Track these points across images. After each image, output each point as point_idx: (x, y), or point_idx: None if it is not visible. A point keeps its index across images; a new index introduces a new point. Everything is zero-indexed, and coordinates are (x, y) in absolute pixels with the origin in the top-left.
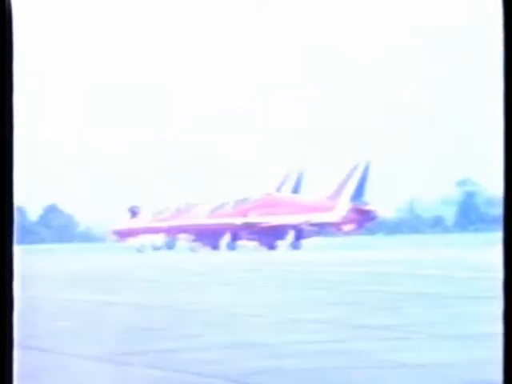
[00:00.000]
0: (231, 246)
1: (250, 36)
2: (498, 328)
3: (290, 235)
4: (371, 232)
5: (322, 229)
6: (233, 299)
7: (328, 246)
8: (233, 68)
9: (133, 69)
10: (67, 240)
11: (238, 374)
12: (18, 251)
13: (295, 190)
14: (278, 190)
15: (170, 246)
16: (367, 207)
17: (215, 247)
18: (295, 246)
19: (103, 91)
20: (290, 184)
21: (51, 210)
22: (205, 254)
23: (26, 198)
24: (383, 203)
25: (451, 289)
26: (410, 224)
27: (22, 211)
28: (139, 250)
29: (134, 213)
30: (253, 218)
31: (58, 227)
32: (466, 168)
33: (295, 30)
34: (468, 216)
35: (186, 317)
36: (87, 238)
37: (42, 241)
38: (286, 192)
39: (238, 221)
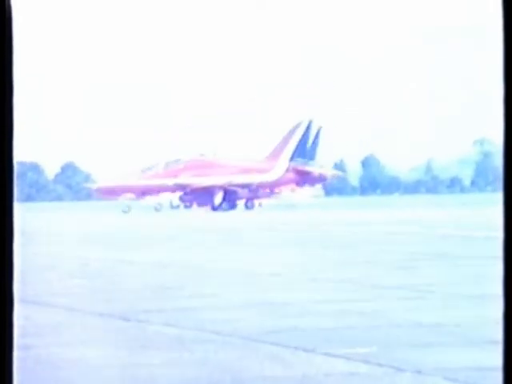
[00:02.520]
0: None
1: (250, 36)
2: None
3: (218, 196)
4: (388, 192)
5: (255, 190)
6: (249, 258)
7: (344, 205)
8: (232, 68)
9: (134, 69)
10: (84, 198)
11: (255, 332)
12: (35, 208)
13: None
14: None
15: (187, 205)
16: (306, 168)
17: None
18: (227, 206)
19: (103, 89)
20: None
21: (68, 168)
22: (221, 214)
23: (44, 156)
24: (400, 163)
25: (468, 249)
26: (427, 184)
27: (39, 169)
28: (157, 209)
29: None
30: (184, 179)
31: (75, 185)
32: (484, 128)
33: (295, 30)
34: (485, 176)
35: (203, 275)
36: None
37: (59, 198)
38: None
39: (169, 182)
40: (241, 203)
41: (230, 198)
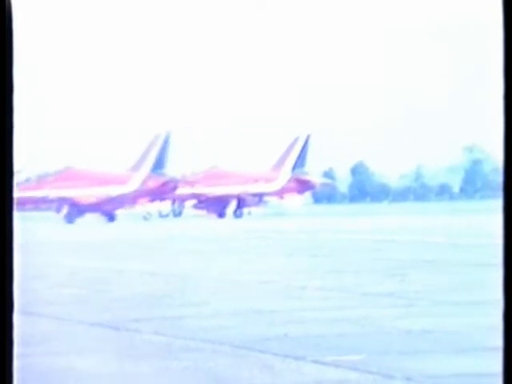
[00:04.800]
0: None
1: (250, 37)
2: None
3: (232, 204)
4: (377, 199)
5: (262, 198)
6: (238, 266)
7: (334, 213)
8: (232, 68)
9: (138, 65)
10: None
11: (245, 340)
12: (28, 218)
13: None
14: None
15: (176, 213)
16: (306, 177)
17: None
18: (237, 214)
19: (106, 87)
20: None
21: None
22: (210, 221)
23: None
24: (389, 170)
25: (457, 256)
26: (416, 191)
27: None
28: (145, 218)
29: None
30: (200, 189)
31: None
32: (473, 135)
33: (294, 28)
34: (474, 183)
35: (192, 284)
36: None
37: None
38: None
39: (187, 191)
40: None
41: (243, 205)
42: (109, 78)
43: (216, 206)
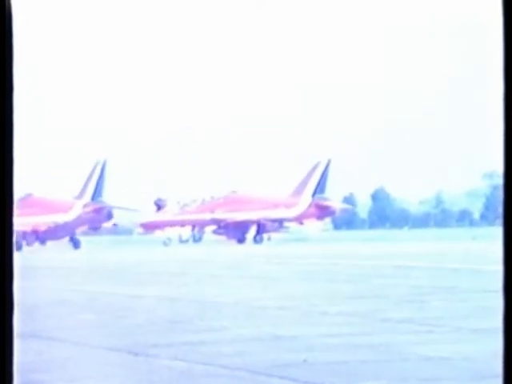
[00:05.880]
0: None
1: (250, 38)
2: None
3: (252, 230)
4: (397, 225)
5: (282, 223)
6: (258, 292)
7: (354, 239)
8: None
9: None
10: (93, 233)
11: (264, 366)
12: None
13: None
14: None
15: (196, 238)
16: (326, 202)
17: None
18: (257, 240)
19: (106, 87)
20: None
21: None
22: (230, 246)
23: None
24: (409, 196)
25: (477, 282)
26: (437, 217)
27: None
28: (165, 243)
29: (159, 206)
30: (220, 214)
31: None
32: (493, 161)
33: (294, 28)
34: (495, 209)
35: (212, 309)
36: (114, 230)
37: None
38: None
39: (207, 216)
40: (250, 236)
41: (262, 231)
42: (108, 78)
43: (236, 231)
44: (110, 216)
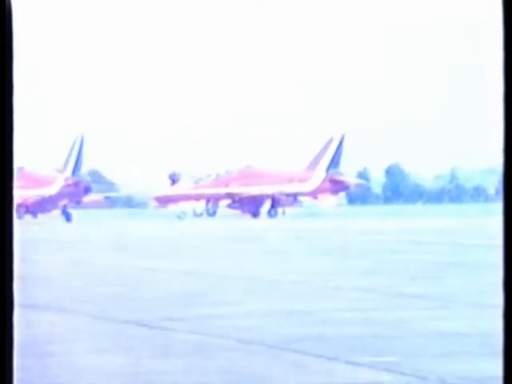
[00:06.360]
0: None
1: (250, 38)
2: None
3: (267, 204)
4: (411, 201)
5: (297, 198)
6: (272, 266)
7: (368, 214)
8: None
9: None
10: (109, 206)
11: (279, 340)
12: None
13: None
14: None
15: (210, 213)
16: (340, 177)
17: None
18: (271, 214)
19: (106, 87)
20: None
21: (92, 176)
22: (244, 220)
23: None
24: (423, 171)
25: (491, 258)
26: (451, 193)
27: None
28: (180, 217)
29: (173, 180)
30: (234, 189)
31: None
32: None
33: (294, 28)
34: None
35: (227, 283)
36: (128, 203)
37: (84, 206)
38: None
39: (222, 191)
40: (264, 211)
41: (277, 205)
42: (108, 77)
43: (250, 205)
44: (87, 190)
